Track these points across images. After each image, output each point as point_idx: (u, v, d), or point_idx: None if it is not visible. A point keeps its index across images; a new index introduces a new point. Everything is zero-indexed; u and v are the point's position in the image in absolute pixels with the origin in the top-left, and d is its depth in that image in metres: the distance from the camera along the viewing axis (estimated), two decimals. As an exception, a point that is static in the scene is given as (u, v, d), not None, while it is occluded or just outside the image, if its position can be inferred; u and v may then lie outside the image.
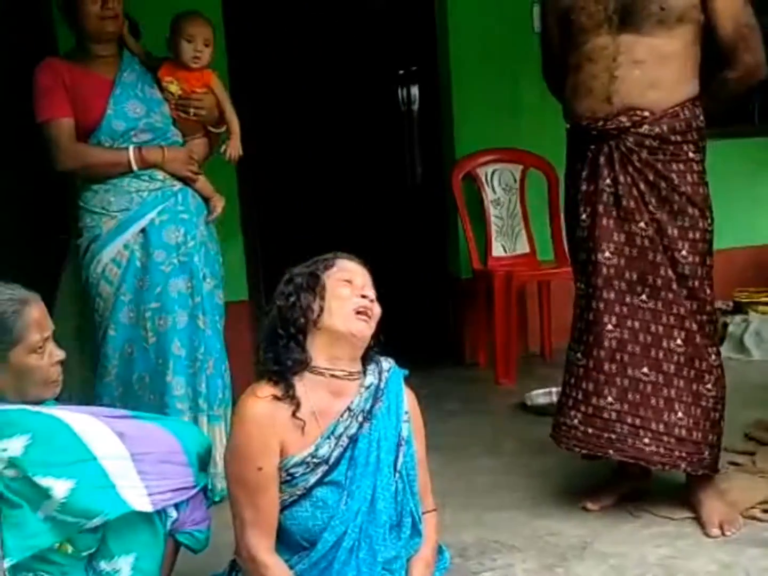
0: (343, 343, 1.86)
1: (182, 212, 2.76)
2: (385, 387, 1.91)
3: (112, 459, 1.71)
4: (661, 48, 2.29)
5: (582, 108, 2.39)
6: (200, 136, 2.84)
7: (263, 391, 1.81)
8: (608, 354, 2.37)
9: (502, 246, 4.34)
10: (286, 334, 1.84)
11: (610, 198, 2.36)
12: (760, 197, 4.77)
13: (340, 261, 1.91)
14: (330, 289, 1.86)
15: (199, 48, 2.71)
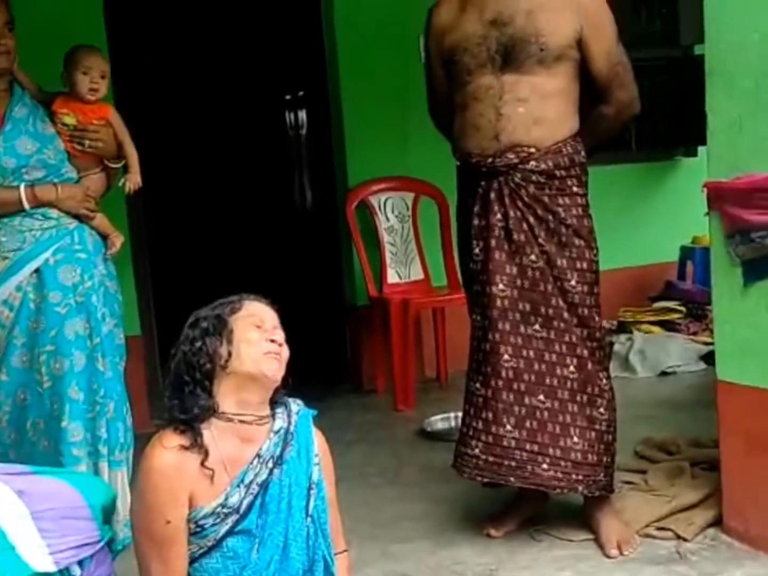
0: (253, 386, 1.82)
1: (79, 251, 2.66)
2: (295, 430, 1.88)
3: (10, 519, 1.64)
4: (542, 86, 2.39)
5: (471, 146, 2.46)
6: (97, 171, 2.76)
7: (169, 441, 1.76)
8: (506, 383, 2.44)
9: (397, 273, 4.40)
10: (192, 380, 1.79)
11: (502, 232, 2.43)
12: (639, 219, 5.01)
13: (247, 303, 1.87)
14: (238, 332, 1.81)
15: (95, 80, 2.65)
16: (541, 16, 2.38)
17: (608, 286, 4.57)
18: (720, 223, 2.40)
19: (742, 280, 2.36)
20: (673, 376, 4.26)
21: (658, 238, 4.99)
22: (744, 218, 2.30)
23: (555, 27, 2.38)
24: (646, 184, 5.08)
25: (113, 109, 2.76)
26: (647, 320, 4.54)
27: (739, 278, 2.37)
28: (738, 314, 2.40)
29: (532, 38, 2.36)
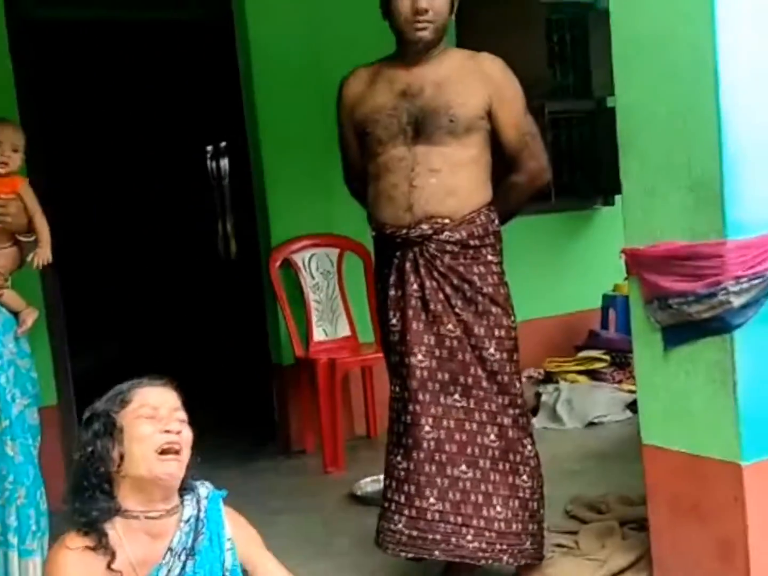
0: (153, 487, 1.76)
1: None
2: (206, 516, 1.82)
3: None
4: (454, 157, 2.40)
5: (385, 216, 2.46)
6: (8, 246, 2.68)
7: (74, 542, 1.68)
8: (427, 455, 2.41)
9: (324, 330, 4.36)
10: (90, 485, 1.73)
11: (418, 302, 2.43)
12: (562, 268, 5.09)
13: (139, 392, 1.80)
14: (128, 430, 1.74)
15: (5, 154, 2.60)
16: (450, 88, 2.41)
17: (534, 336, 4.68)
18: (638, 289, 2.43)
19: (662, 345, 2.39)
20: (601, 426, 4.29)
21: (581, 287, 5.07)
22: (661, 285, 2.32)
23: (464, 99, 2.40)
24: (568, 233, 5.18)
25: (25, 182, 2.70)
26: (573, 370, 4.59)
27: (659, 343, 2.39)
28: (660, 379, 2.42)
29: (442, 110, 2.38)
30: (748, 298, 2.20)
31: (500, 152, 2.51)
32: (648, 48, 2.30)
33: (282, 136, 4.31)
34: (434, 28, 2.40)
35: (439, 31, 2.42)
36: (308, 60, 4.28)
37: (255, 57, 4.25)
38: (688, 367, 2.34)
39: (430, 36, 2.41)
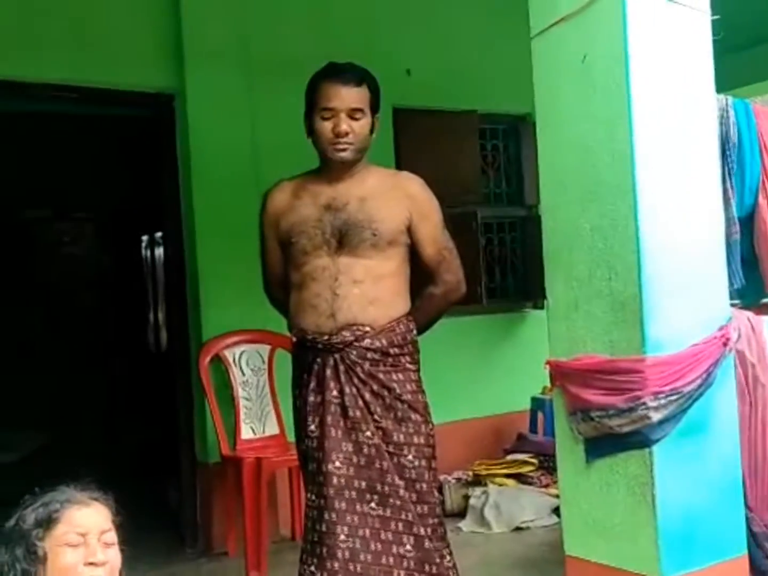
0: None
1: None
2: None
3: None
4: (376, 268, 2.46)
5: (307, 323, 2.49)
6: None
7: None
8: (342, 565, 2.36)
9: (251, 428, 4.29)
10: None
11: (338, 408, 2.42)
12: (492, 369, 5.14)
13: (68, 513, 1.70)
14: (52, 558, 1.66)
15: None
16: (372, 204, 2.48)
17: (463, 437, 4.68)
18: (562, 400, 2.45)
19: (584, 456, 2.39)
20: (527, 531, 4.27)
21: (510, 388, 5.12)
22: (583, 397, 2.35)
23: (386, 214, 2.48)
24: (498, 334, 5.25)
25: None
26: (501, 473, 4.58)
27: (581, 454, 2.39)
28: (582, 490, 2.42)
29: (365, 224, 2.45)
30: (666, 413, 2.23)
31: (419, 265, 2.58)
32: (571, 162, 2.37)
33: (218, 229, 4.33)
34: (355, 149, 2.48)
35: (359, 151, 2.51)
36: (246, 158, 4.36)
37: (194, 151, 4.32)
38: (609, 479, 2.35)
39: (350, 156, 2.49)
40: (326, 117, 2.46)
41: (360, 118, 2.47)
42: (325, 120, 2.47)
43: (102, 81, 4.12)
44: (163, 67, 4.29)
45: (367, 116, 2.49)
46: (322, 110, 2.46)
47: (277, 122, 4.30)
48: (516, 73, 4.66)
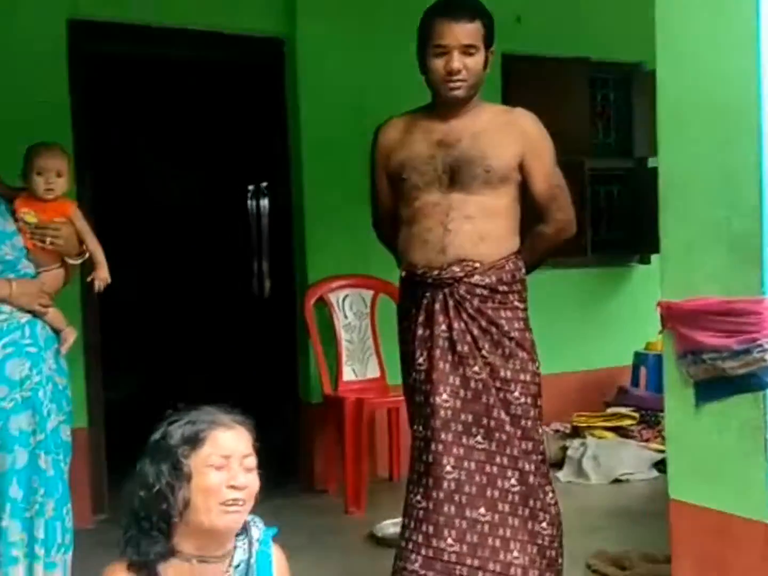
0: (210, 536, 1.72)
1: (29, 345, 2.63)
2: (255, 562, 1.78)
3: None
4: (488, 205, 2.47)
5: (417, 258, 2.51)
6: (55, 267, 2.75)
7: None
8: (447, 495, 2.41)
9: (353, 370, 4.39)
10: (149, 522, 1.68)
11: (445, 343, 2.45)
12: (594, 324, 5.08)
13: (214, 434, 1.72)
14: (196, 478, 1.69)
15: (51, 180, 2.66)
16: (486, 140, 2.47)
17: (562, 390, 4.66)
18: (673, 343, 2.42)
19: (694, 400, 2.36)
20: (626, 483, 4.24)
21: (612, 343, 5.05)
22: (696, 339, 2.30)
23: (499, 150, 2.47)
24: (602, 289, 5.18)
25: (75, 206, 2.77)
26: (600, 425, 4.55)
27: (691, 398, 2.35)
28: (690, 434, 2.38)
29: (478, 160, 2.45)
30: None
31: (529, 203, 2.56)
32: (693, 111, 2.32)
33: (324, 176, 4.41)
34: (468, 86, 2.47)
35: (473, 87, 2.49)
36: (354, 104, 4.39)
37: (303, 99, 4.38)
38: (720, 422, 2.31)
39: (463, 94, 2.48)
40: (439, 54, 2.45)
41: (473, 54, 2.46)
42: (437, 57, 2.46)
43: (213, 24, 4.19)
44: (274, 12, 4.35)
45: (480, 52, 2.47)
46: (435, 47, 2.46)
47: (387, 67, 4.32)
48: (628, 19, 4.57)
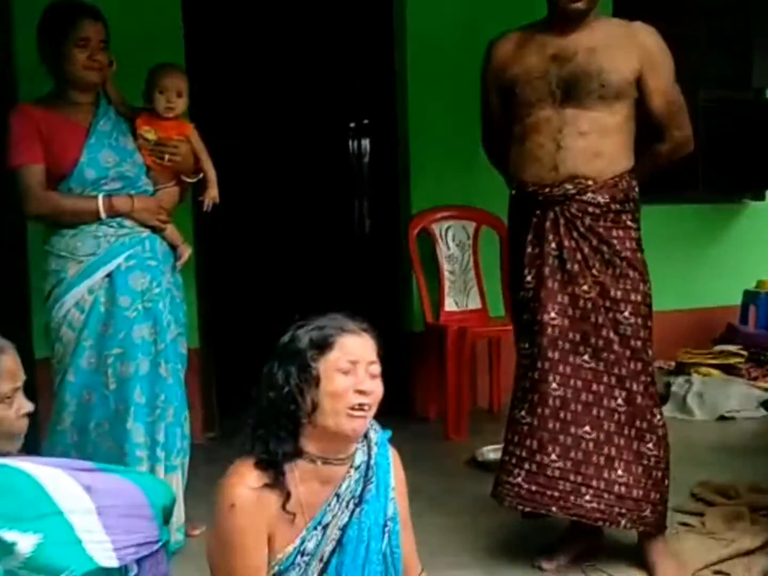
0: (336, 439, 1.75)
1: (149, 259, 2.76)
2: (375, 464, 1.80)
3: (77, 513, 1.66)
4: (603, 121, 2.43)
5: (528, 175, 2.50)
6: (172, 185, 2.87)
7: (251, 478, 1.70)
8: (552, 412, 2.44)
9: (455, 301, 4.42)
10: (276, 423, 1.73)
11: (555, 261, 2.45)
12: (703, 260, 4.95)
13: (342, 339, 1.73)
14: (324, 382, 1.71)
15: (171, 99, 2.76)
16: (602, 54, 2.43)
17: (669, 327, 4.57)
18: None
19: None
20: (732, 421, 4.17)
21: (721, 281, 4.91)
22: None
23: (616, 65, 2.42)
24: (712, 225, 5.02)
25: (193, 126, 2.87)
26: (707, 363, 4.46)
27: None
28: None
29: (594, 75, 2.41)
30: None
31: (645, 121, 2.51)
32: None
33: (429, 110, 4.39)
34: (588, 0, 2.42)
35: (593, 1, 2.44)
36: (461, 37, 4.33)
37: (411, 34, 4.34)
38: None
39: (584, 6, 2.44)
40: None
41: None
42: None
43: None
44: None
45: None
46: None
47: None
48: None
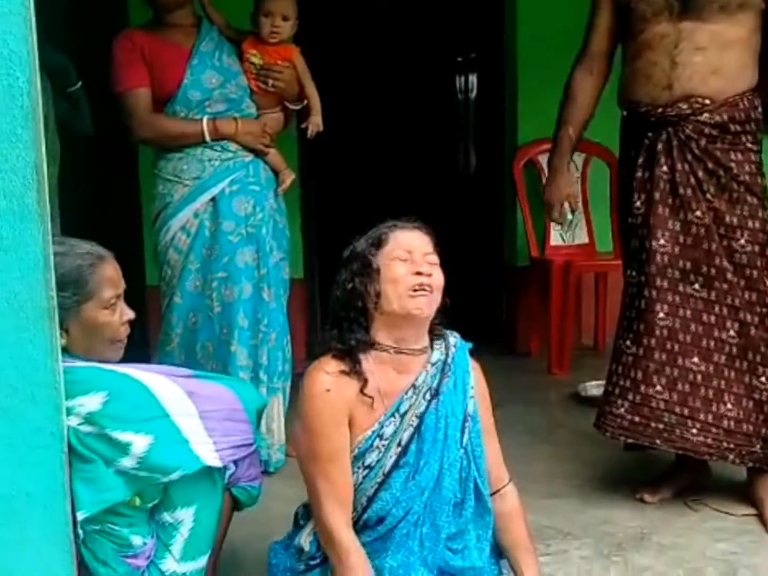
0: (404, 324, 1.83)
1: (252, 183, 2.78)
2: (452, 362, 1.89)
3: (183, 416, 1.74)
4: (723, 35, 2.29)
5: (640, 94, 2.39)
6: (276, 111, 2.86)
7: (330, 366, 1.81)
8: (659, 342, 2.36)
9: (561, 235, 4.32)
10: (347, 317, 1.84)
11: (666, 185, 2.34)
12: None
13: (395, 234, 1.86)
14: (383, 271, 1.83)
15: (276, 23, 2.74)
16: None
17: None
18: None
19: None
20: None
21: None
22: None
23: None
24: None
25: (298, 51, 2.84)
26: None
27: None
28: None
29: None
30: None
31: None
32: None
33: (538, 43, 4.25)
34: None
35: None
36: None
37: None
38: None
39: None
40: None
41: None
42: None
43: None
44: None
45: None
46: None
47: None
48: None
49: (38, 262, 1.48)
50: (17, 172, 1.44)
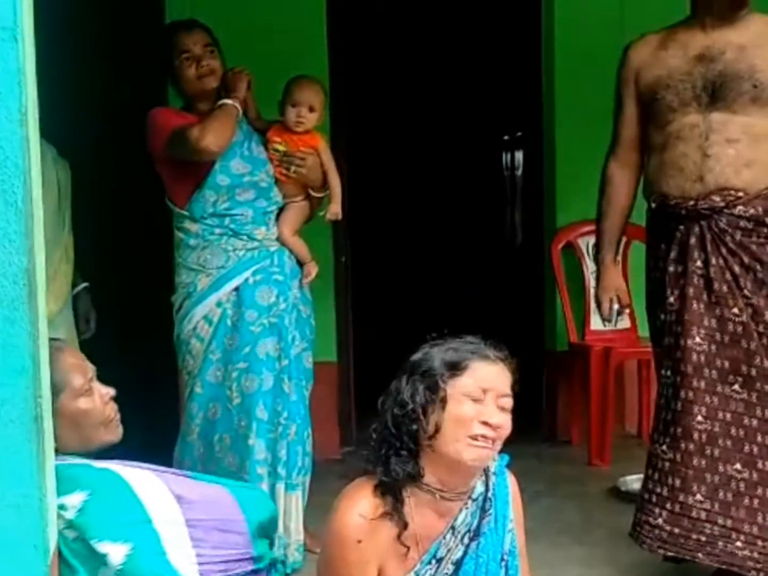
0: (455, 470, 1.67)
1: (276, 273, 2.77)
2: (493, 494, 1.74)
3: (166, 523, 1.66)
4: (755, 127, 2.24)
5: (670, 187, 2.32)
6: (300, 199, 2.86)
7: (366, 506, 1.64)
8: (697, 447, 2.23)
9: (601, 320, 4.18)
10: (399, 441, 1.66)
11: (701, 281, 2.26)
12: None
13: (476, 365, 1.66)
14: (450, 405, 1.63)
15: (302, 114, 2.74)
16: (755, 52, 2.24)
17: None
18: None
19: None
20: None
21: None
22: None
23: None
24: None
25: (323, 140, 2.85)
26: None
27: None
28: None
29: (745, 74, 2.22)
30: None
31: None
32: None
33: (576, 121, 4.21)
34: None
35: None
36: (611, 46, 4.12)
37: (558, 46, 4.20)
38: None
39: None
40: None
41: None
42: None
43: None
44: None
45: None
46: None
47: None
48: None
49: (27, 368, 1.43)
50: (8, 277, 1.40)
